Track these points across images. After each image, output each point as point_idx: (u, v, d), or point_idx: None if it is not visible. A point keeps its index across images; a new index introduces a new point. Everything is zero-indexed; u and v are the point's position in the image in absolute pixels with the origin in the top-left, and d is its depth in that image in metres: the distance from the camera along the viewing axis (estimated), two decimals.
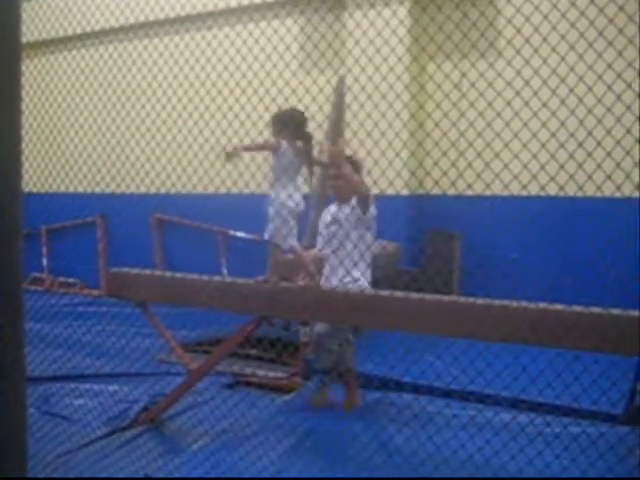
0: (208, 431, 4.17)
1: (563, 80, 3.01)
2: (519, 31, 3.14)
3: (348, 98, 6.67)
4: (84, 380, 5.23)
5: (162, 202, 8.00)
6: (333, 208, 4.63)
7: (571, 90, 2.99)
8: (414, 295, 3.47)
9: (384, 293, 3.57)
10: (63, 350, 5.82)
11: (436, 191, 4.77)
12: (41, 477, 3.44)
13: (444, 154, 3.70)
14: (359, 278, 4.36)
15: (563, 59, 3.05)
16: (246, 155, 4.02)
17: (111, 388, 5.04)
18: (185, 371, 4.44)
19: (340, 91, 6.82)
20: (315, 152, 4.11)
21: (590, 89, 2.93)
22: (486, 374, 3.67)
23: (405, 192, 6.23)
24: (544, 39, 2.96)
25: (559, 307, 3.07)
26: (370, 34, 3.94)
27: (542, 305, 3.10)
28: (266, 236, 4.02)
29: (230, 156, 3.77)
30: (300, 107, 4.33)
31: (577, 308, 3.03)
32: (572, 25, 2.85)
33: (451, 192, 4.34)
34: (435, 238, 6.41)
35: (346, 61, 6.16)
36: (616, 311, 2.98)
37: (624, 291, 4.10)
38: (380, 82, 4.07)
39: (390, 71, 4.19)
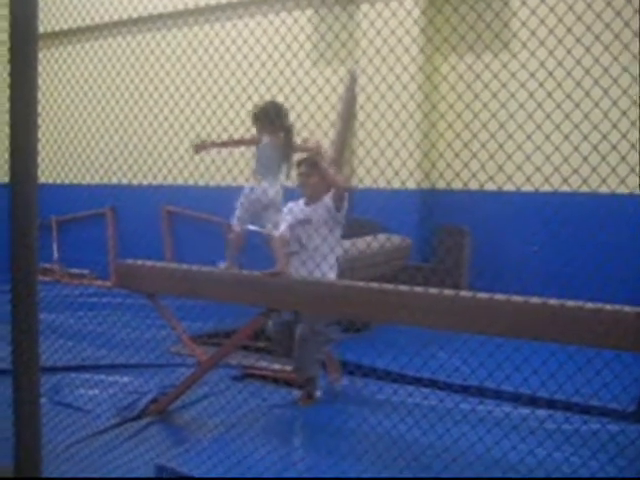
0: (217, 423, 4.19)
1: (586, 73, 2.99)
2: (533, 33, 3.11)
3: (359, 93, 6.66)
4: (96, 371, 5.27)
5: (173, 194, 8.01)
6: (304, 206, 4.49)
7: (586, 93, 2.96)
8: (429, 290, 3.46)
9: (399, 288, 3.56)
10: (76, 341, 5.87)
11: (447, 186, 4.76)
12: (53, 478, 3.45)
13: (456, 155, 3.68)
14: (326, 272, 4.34)
15: (578, 62, 3.02)
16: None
17: (123, 379, 5.07)
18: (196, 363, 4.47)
19: (351, 85, 6.80)
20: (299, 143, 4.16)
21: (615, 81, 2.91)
22: (504, 370, 3.66)
23: (414, 187, 6.22)
24: (559, 41, 2.93)
25: (571, 304, 3.06)
26: (383, 32, 3.93)
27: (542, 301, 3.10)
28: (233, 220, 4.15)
29: (198, 149, 3.90)
30: (312, 101, 4.35)
31: (592, 305, 3.00)
32: (588, 28, 2.83)
33: (461, 187, 4.32)
34: (445, 233, 6.39)
35: (358, 56, 6.14)
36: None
37: None
38: (393, 81, 4.06)
39: (404, 70, 4.16)
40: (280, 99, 4.55)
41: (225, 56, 4.81)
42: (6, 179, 1.78)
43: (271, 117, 4.09)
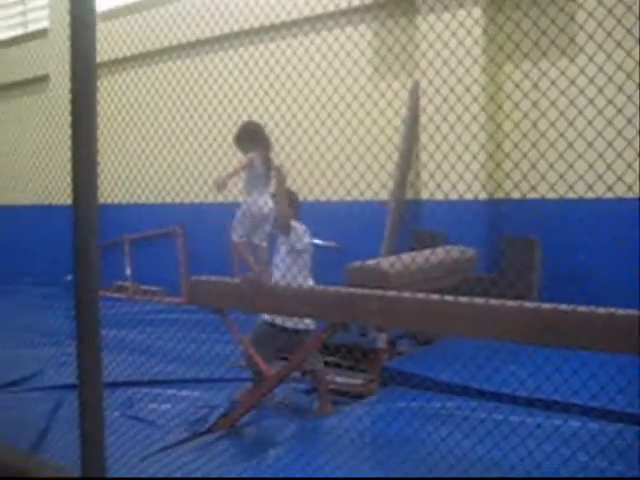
0: (286, 437, 4.19)
1: None
2: (609, 33, 3.03)
3: (423, 102, 6.63)
4: (167, 385, 5.35)
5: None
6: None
7: None
8: (486, 301, 3.39)
9: (460, 299, 3.51)
10: (148, 356, 6.00)
11: (514, 195, 4.68)
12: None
13: (524, 156, 3.60)
14: None
15: None
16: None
17: (193, 394, 5.14)
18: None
19: (415, 95, 6.77)
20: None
21: None
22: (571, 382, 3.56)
23: (482, 196, 6.13)
24: (619, 42, 2.85)
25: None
26: (445, 36, 3.90)
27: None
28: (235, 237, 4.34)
29: (220, 188, 4.15)
30: (374, 112, 4.38)
31: None
32: None
33: (530, 196, 4.23)
34: (513, 243, 6.26)
35: (421, 65, 6.12)
36: None
37: None
38: (455, 84, 4.02)
39: (466, 72, 4.14)
40: (346, 111, 4.62)
41: (291, 74, 4.89)
42: (69, 201, 1.86)
43: (251, 135, 4.42)
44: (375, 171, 4.66)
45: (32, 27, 11.34)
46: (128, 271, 9.58)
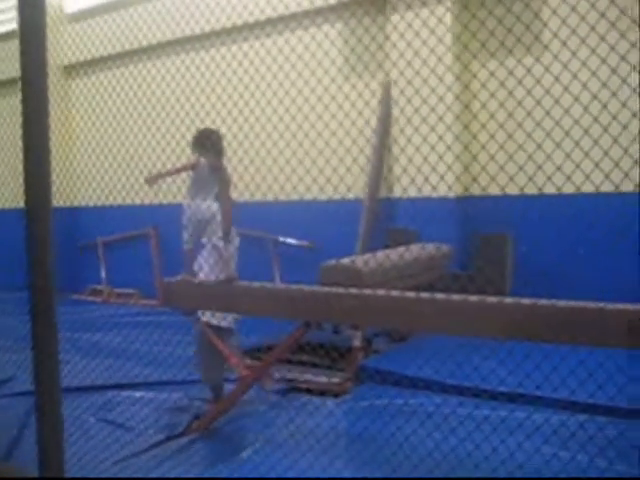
0: (262, 439, 4.18)
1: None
2: (574, 31, 3.06)
3: (396, 102, 6.65)
4: (141, 388, 5.31)
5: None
6: None
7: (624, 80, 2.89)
8: (459, 297, 3.40)
9: (435, 296, 3.51)
10: (124, 359, 5.97)
11: (485, 192, 4.70)
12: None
13: (491, 158, 3.63)
14: None
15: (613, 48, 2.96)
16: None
17: (171, 396, 5.10)
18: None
19: (385, 96, 6.78)
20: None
21: None
22: (536, 376, 3.59)
23: (453, 194, 6.17)
24: (583, 40, 2.87)
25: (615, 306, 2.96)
26: (410, 35, 3.91)
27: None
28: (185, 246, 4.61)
29: (150, 182, 4.44)
30: (341, 113, 4.39)
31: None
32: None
33: (498, 193, 4.26)
34: (486, 240, 6.31)
35: (388, 65, 6.13)
36: None
37: None
38: (421, 85, 4.03)
39: (432, 72, 4.15)
40: (313, 114, 4.62)
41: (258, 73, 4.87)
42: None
43: (203, 141, 4.63)
44: (351, 169, 4.68)
45: (9, 26, 11.11)
46: (103, 274, 9.51)
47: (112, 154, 6.21)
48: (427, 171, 3.94)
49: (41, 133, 1.81)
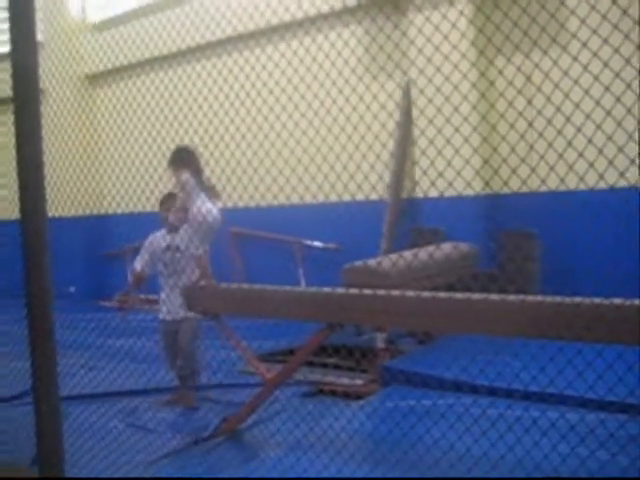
0: (288, 440, 4.18)
1: None
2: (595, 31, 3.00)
3: (417, 100, 6.62)
4: (168, 392, 5.36)
5: (238, 216, 8.13)
6: (165, 236, 5.25)
7: None
8: (490, 296, 3.36)
9: (459, 296, 3.48)
10: (148, 364, 6.01)
11: (510, 190, 4.65)
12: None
13: (523, 160, 3.57)
14: None
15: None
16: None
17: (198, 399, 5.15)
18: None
19: (406, 94, 6.76)
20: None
21: None
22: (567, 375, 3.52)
23: (479, 192, 6.11)
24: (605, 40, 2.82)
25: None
26: (430, 32, 3.86)
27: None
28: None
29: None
30: (367, 114, 4.38)
31: None
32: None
33: (525, 189, 4.21)
34: (512, 238, 6.25)
35: (410, 65, 6.10)
36: None
37: None
38: (443, 82, 4.00)
39: (454, 68, 4.10)
40: (337, 113, 4.62)
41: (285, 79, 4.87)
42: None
43: (184, 160, 5.01)
44: (378, 171, 4.65)
45: None
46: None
47: (139, 160, 6.25)
48: (451, 171, 3.91)
49: (34, 141, 1.85)
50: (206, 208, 4.88)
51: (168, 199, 5.16)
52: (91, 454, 3.97)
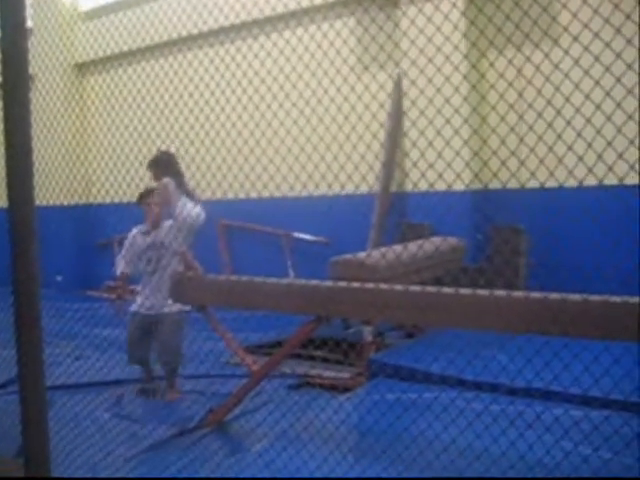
0: (273, 432, 4.17)
1: None
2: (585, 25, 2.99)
3: (407, 94, 6.60)
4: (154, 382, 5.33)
5: (226, 208, 8.10)
6: (145, 232, 5.27)
7: None
8: (478, 291, 3.36)
9: (447, 290, 3.48)
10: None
11: (498, 185, 4.64)
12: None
13: (513, 154, 3.56)
14: None
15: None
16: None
17: (182, 390, 5.15)
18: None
19: (397, 86, 6.75)
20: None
21: None
22: (552, 369, 3.53)
23: (468, 186, 6.10)
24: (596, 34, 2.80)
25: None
26: (423, 24, 3.84)
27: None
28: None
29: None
30: (359, 105, 4.35)
31: None
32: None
33: (514, 184, 4.20)
34: (499, 232, 6.26)
35: (403, 57, 6.07)
36: None
37: None
38: (434, 74, 3.98)
39: (446, 60, 4.08)
40: (329, 105, 4.59)
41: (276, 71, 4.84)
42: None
43: (164, 164, 5.12)
44: (369, 161, 4.63)
45: None
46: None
47: (128, 150, 6.21)
48: (441, 165, 3.89)
49: (23, 128, 1.83)
50: (187, 210, 4.96)
51: (147, 194, 5.20)
52: (74, 444, 3.94)
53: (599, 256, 5.73)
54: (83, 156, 9.42)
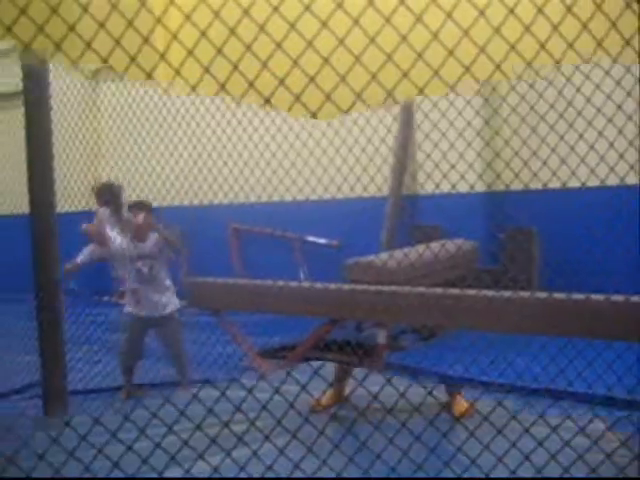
0: (280, 431, 4.13)
1: None
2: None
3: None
4: (170, 388, 5.34)
5: (238, 212, 8.12)
6: (129, 243, 5.18)
7: None
8: (494, 294, 3.37)
9: (457, 291, 3.50)
10: (153, 359, 5.98)
11: (512, 187, 4.65)
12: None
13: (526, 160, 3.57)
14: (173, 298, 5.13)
15: None
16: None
17: (199, 396, 5.12)
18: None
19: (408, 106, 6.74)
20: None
21: None
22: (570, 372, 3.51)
23: (480, 189, 6.10)
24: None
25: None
26: None
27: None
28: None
29: (68, 271, 5.56)
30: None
31: None
32: None
33: (524, 188, 4.20)
34: (512, 235, 6.25)
35: None
36: None
37: None
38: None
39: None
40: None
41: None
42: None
43: (114, 194, 5.40)
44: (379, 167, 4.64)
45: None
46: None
47: (142, 154, 6.26)
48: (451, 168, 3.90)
49: (44, 136, 1.87)
50: (112, 236, 5.12)
51: (136, 205, 5.16)
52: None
53: (613, 258, 5.72)
54: (97, 160, 9.47)
